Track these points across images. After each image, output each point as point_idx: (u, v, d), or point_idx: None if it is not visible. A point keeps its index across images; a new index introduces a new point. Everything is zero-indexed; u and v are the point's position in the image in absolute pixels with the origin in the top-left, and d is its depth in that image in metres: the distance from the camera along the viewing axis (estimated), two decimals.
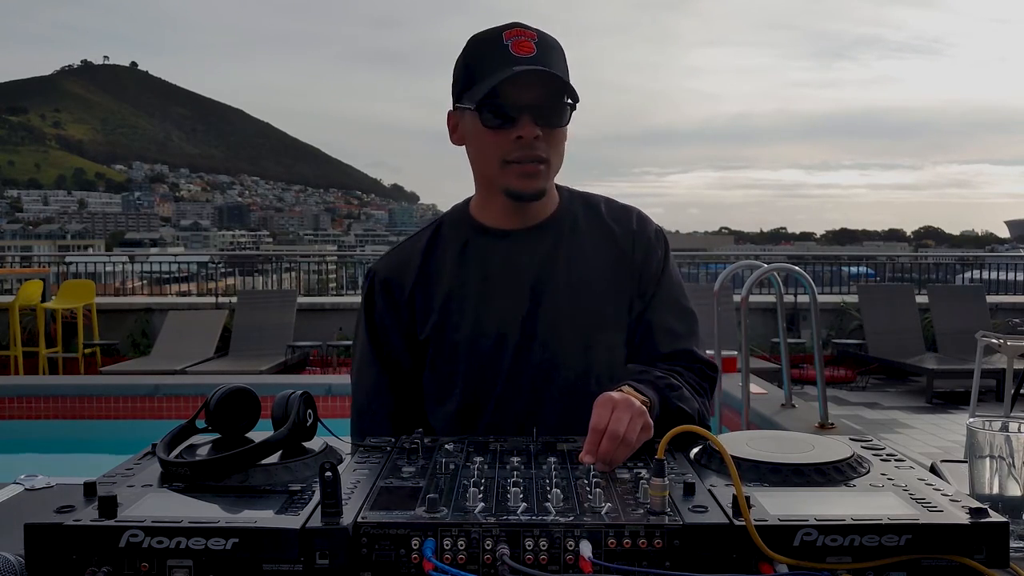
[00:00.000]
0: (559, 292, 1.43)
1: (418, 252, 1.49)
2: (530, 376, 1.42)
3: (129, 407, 5.50)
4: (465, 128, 1.42)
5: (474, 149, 1.42)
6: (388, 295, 1.48)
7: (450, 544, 0.88)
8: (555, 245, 1.45)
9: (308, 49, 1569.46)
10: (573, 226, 1.48)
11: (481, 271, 1.44)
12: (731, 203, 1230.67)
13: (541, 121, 1.33)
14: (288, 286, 12.09)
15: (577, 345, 1.42)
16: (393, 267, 1.50)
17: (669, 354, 1.45)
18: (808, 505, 0.94)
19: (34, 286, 8.66)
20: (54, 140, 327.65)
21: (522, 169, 1.35)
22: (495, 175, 1.39)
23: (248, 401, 1.21)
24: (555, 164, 1.39)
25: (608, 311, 1.45)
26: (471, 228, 1.48)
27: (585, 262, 1.45)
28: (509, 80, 1.31)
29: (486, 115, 1.34)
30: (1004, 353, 5.75)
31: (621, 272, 1.46)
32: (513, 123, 1.33)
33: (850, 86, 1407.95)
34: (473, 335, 1.42)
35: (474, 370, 1.42)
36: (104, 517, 0.89)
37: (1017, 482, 1.04)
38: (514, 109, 1.33)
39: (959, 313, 8.60)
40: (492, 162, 1.37)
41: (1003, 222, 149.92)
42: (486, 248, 1.45)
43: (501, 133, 1.34)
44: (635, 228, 1.50)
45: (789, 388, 4.52)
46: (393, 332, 1.47)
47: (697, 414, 1.38)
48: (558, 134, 1.38)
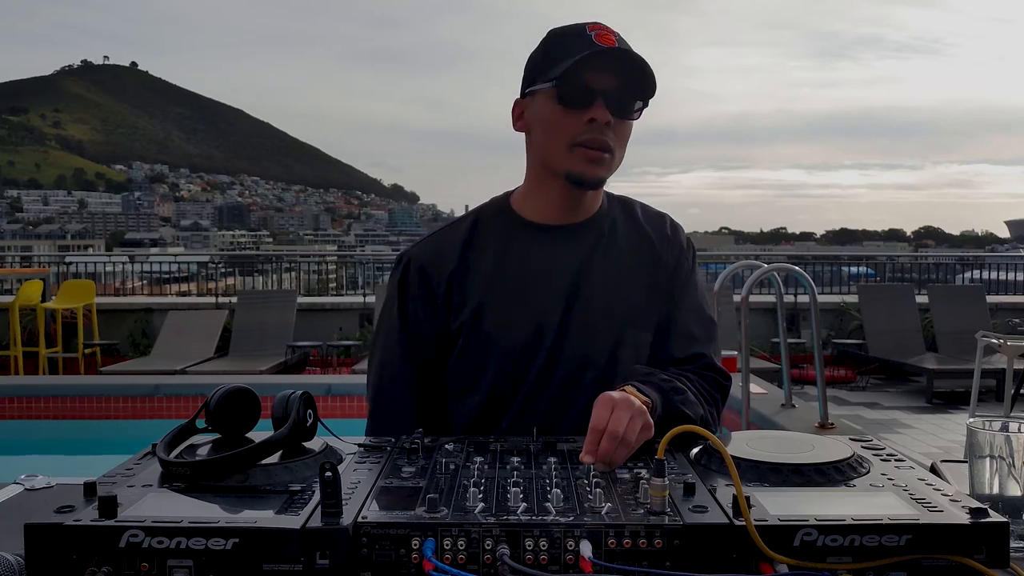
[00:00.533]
0: (595, 290, 1.44)
1: (457, 242, 1.48)
2: (560, 373, 1.42)
3: (129, 407, 5.50)
4: (534, 111, 1.41)
5: (542, 130, 1.40)
6: (423, 284, 1.47)
7: (450, 544, 0.88)
8: (594, 244, 1.47)
9: (308, 49, 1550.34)
10: (612, 227, 1.49)
11: (521, 264, 1.45)
12: (731, 203, 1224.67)
13: (614, 108, 1.35)
14: (288, 286, 12.09)
15: (608, 344, 1.43)
16: (429, 255, 1.48)
17: (684, 358, 1.46)
18: (808, 505, 0.94)
19: (34, 286, 8.66)
20: (54, 140, 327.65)
21: (588, 154, 1.36)
22: (560, 157, 1.38)
23: (248, 401, 1.21)
24: (618, 157, 1.40)
25: (640, 312, 1.46)
26: (513, 222, 1.48)
27: (621, 263, 1.47)
28: (590, 63, 1.32)
29: (564, 91, 1.34)
30: (1004, 353, 5.75)
31: (654, 275, 1.49)
32: (588, 105, 1.34)
33: (850, 86, 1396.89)
34: (509, 329, 1.42)
35: (505, 364, 1.42)
36: (104, 517, 0.89)
37: (1017, 482, 1.04)
38: (591, 91, 1.33)
39: (959, 313, 8.60)
40: (560, 143, 1.37)
41: (1003, 222, 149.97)
42: (527, 242, 1.46)
43: (574, 114, 1.34)
44: (669, 234, 1.53)
45: (789, 388, 4.52)
46: (426, 320, 1.46)
47: (701, 420, 1.36)
48: (627, 127, 1.39)
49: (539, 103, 1.40)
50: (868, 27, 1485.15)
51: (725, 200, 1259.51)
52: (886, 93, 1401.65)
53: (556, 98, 1.35)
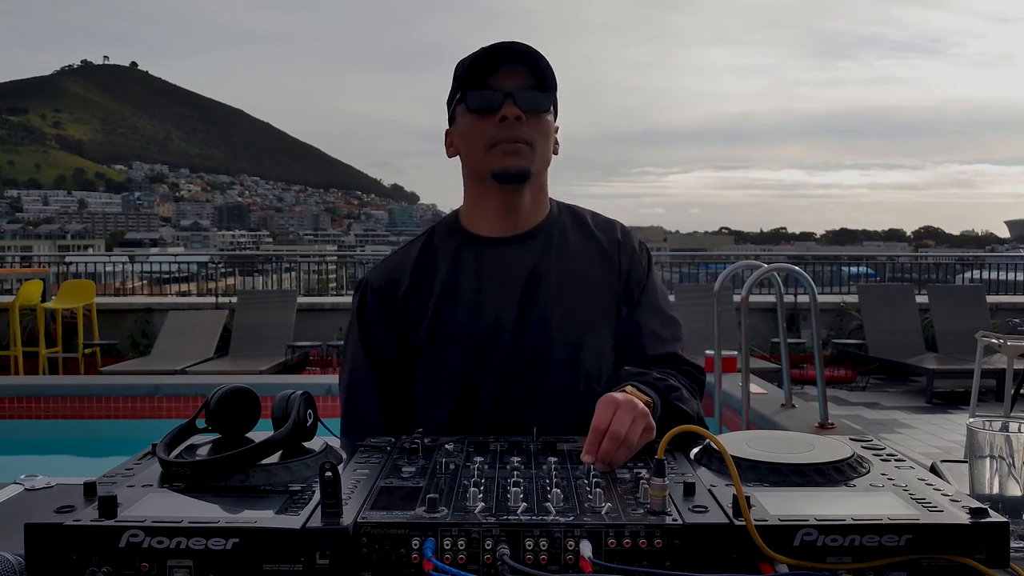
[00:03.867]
0: (549, 296, 1.46)
1: (411, 260, 1.52)
2: (521, 378, 1.43)
3: (129, 407, 5.50)
4: (457, 130, 1.48)
5: (464, 142, 1.47)
6: (382, 303, 1.50)
7: (450, 544, 0.88)
8: (545, 251, 1.49)
9: (308, 49, 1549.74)
10: (562, 234, 1.52)
11: (474, 276, 1.47)
12: (731, 203, 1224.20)
13: (523, 104, 1.40)
14: (288, 286, 12.09)
15: (567, 347, 1.44)
16: (385, 276, 1.53)
17: (656, 357, 1.48)
18: (808, 505, 0.94)
19: (34, 286, 8.66)
20: (54, 140, 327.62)
21: (505, 148, 1.41)
22: (482, 161, 1.43)
23: (248, 401, 1.21)
24: (540, 149, 1.44)
25: (596, 315, 1.48)
26: (462, 237, 1.51)
27: (574, 268, 1.49)
28: (492, 70, 1.40)
29: (472, 100, 1.42)
30: (1004, 353, 5.75)
31: (608, 278, 1.51)
32: (497, 106, 1.40)
33: (851, 86, 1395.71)
34: (465, 339, 1.44)
35: (466, 373, 1.44)
36: (104, 517, 0.89)
37: (1017, 482, 1.04)
38: (497, 96, 1.40)
39: (959, 313, 8.59)
40: (479, 147, 1.43)
41: (1003, 222, 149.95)
42: (478, 255, 1.48)
43: (486, 118, 1.41)
44: (620, 239, 1.56)
45: (789, 388, 4.51)
46: (387, 339, 1.50)
47: (697, 415, 1.40)
48: (541, 121, 1.43)
49: (459, 121, 1.47)
50: (869, 26, 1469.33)
51: (725, 200, 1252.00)
52: (886, 93, 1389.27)
53: (468, 109, 1.44)
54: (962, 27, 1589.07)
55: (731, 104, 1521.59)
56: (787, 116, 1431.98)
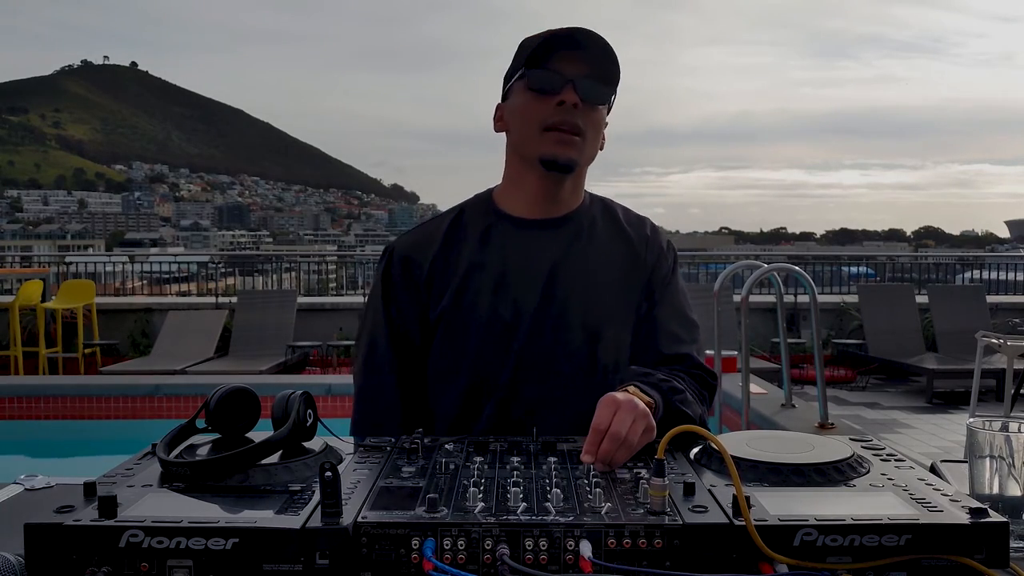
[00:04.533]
0: (573, 284, 1.46)
1: (440, 233, 1.51)
2: (538, 364, 1.43)
3: (129, 407, 5.50)
4: (510, 107, 1.47)
5: (517, 119, 1.45)
6: (406, 272, 1.50)
7: (450, 544, 0.88)
8: (573, 239, 1.49)
9: (308, 49, 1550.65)
10: (592, 224, 1.52)
11: (500, 256, 1.47)
12: (731, 203, 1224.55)
13: (583, 93, 1.39)
14: (288, 286, 12.09)
15: (584, 337, 1.44)
16: (413, 245, 1.52)
17: (670, 356, 1.47)
18: (808, 505, 0.94)
19: (34, 286, 8.66)
20: (54, 140, 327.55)
21: (559, 136, 1.40)
22: (533, 142, 1.42)
23: (248, 401, 1.21)
24: (590, 142, 1.44)
25: (617, 308, 1.48)
26: (494, 215, 1.51)
27: (599, 259, 1.49)
28: (559, 52, 1.38)
29: (534, 78, 1.40)
30: (1004, 353, 5.75)
31: (633, 273, 1.51)
32: (558, 89, 1.39)
33: (851, 85, 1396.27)
34: (487, 317, 1.44)
35: (483, 353, 1.44)
36: (104, 517, 0.89)
37: (1017, 482, 1.04)
38: (559, 76, 1.39)
39: (959, 313, 8.60)
40: (532, 128, 1.41)
41: (1003, 222, 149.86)
42: (507, 235, 1.48)
43: (545, 99, 1.40)
44: (649, 235, 1.56)
45: (789, 388, 4.52)
46: (408, 309, 1.49)
47: (699, 419, 1.40)
48: (597, 113, 1.43)
49: (514, 98, 1.46)
50: (869, 26, 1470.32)
51: (725, 200, 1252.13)
52: (886, 93, 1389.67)
53: (527, 87, 1.42)
54: (963, 27, 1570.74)
55: (731, 104, 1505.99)
56: (787, 116, 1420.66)
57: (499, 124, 1.51)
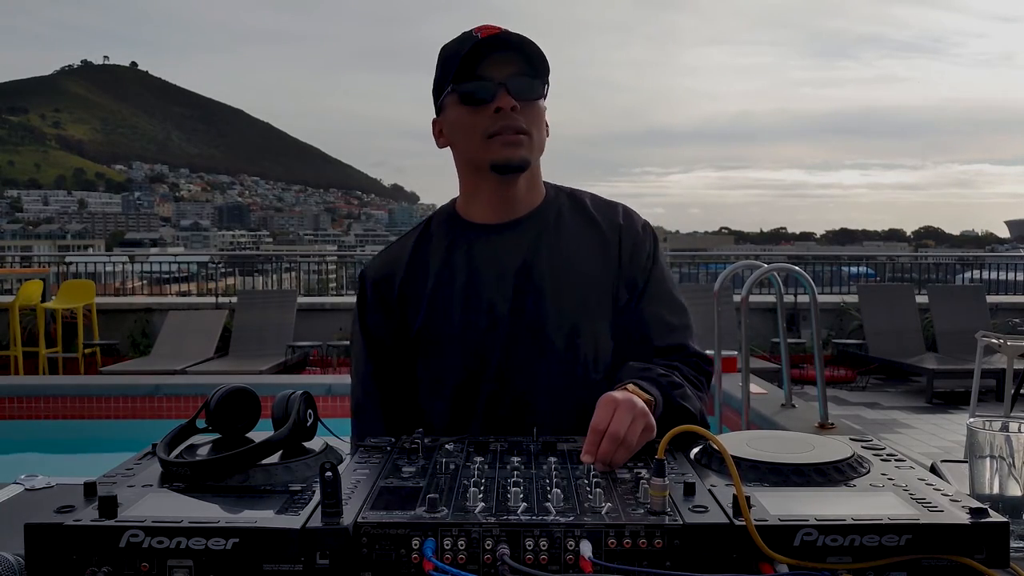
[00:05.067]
0: (543, 281, 1.44)
1: (406, 251, 1.52)
2: (520, 365, 1.43)
3: (129, 407, 5.50)
4: (448, 122, 1.46)
5: (458, 134, 1.44)
6: (378, 295, 1.51)
7: (450, 544, 0.88)
8: (539, 236, 1.47)
9: (308, 49, 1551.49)
10: (557, 217, 1.50)
11: (468, 264, 1.46)
12: (731, 203, 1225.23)
13: (517, 94, 1.38)
14: (288, 286, 12.08)
15: (563, 334, 1.43)
16: (382, 267, 1.53)
17: (664, 348, 1.46)
18: (808, 505, 0.94)
19: (34, 286, 8.66)
20: (54, 140, 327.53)
21: (504, 139, 1.39)
22: (479, 153, 1.41)
23: (248, 401, 1.21)
24: (536, 139, 1.42)
25: (592, 299, 1.46)
26: (458, 225, 1.51)
27: (569, 251, 1.47)
28: (482, 59, 1.37)
29: (465, 92, 1.39)
30: (1004, 353, 5.75)
31: (606, 262, 1.48)
32: (491, 97, 1.37)
33: (851, 85, 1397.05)
34: (462, 328, 1.44)
35: (465, 362, 1.44)
36: (104, 517, 0.89)
37: (1017, 482, 1.04)
38: (490, 86, 1.38)
39: (959, 313, 8.59)
40: (475, 139, 1.40)
41: (1003, 222, 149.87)
42: (472, 242, 1.48)
43: (480, 109, 1.38)
44: (621, 222, 1.52)
45: (789, 388, 4.52)
46: (385, 331, 1.50)
47: (700, 413, 1.39)
48: (535, 108, 1.42)
49: (450, 113, 1.44)
50: (869, 26, 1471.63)
51: (725, 200, 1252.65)
52: (886, 93, 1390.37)
53: (459, 101, 1.40)
54: (963, 27, 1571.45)
55: (731, 104, 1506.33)
56: (787, 116, 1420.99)
57: (441, 140, 1.49)
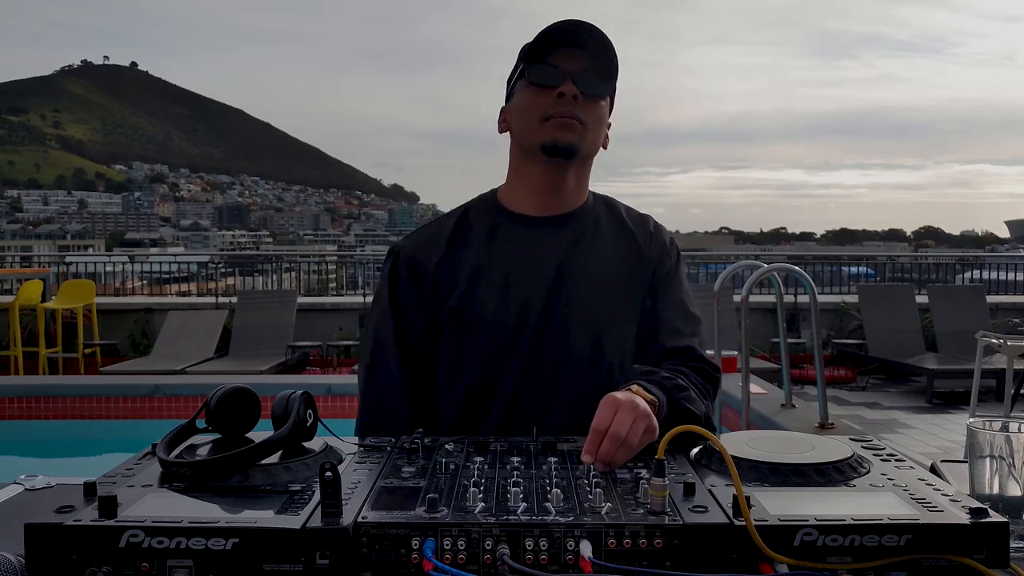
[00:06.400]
0: (578, 282, 1.46)
1: (445, 234, 1.52)
2: (544, 365, 1.44)
3: (129, 407, 5.50)
4: (513, 104, 1.49)
5: (518, 114, 1.47)
6: (413, 273, 1.50)
7: (450, 544, 0.88)
8: (579, 237, 1.50)
9: (308, 49, 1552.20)
10: (596, 222, 1.53)
11: (507, 254, 1.48)
12: (731, 203, 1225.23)
13: (582, 86, 1.41)
14: (288, 286, 12.09)
15: (590, 337, 1.45)
16: (418, 246, 1.53)
17: (672, 350, 1.48)
18: (808, 505, 0.94)
19: (34, 286, 8.66)
20: (54, 140, 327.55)
21: (559, 121, 1.41)
22: (534, 132, 1.43)
23: (248, 401, 1.21)
24: (592, 134, 1.45)
25: (621, 306, 1.49)
26: (500, 213, 1.52)
27: (604, 256, 1.50)
28: (557, 49, 1.41)
29: (533, 73, 1.43)
30: (1004, 353, 5.75)
31: (637, 269, 1.52)
32: (557, 82, 1.41)
33: (851, 85, 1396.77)
34: (493, 319, 1.44)
35: (492, 351, 1.44)
36: (104, 517, 0.89)
37: (1017, 482, 1.04)
38: (558, 70, 1.41)
39: (959, 313, 8.59)
40: (533, 120, 1.43)
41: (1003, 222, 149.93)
42: (513, 233, 1.49)
43: (545, 92, 1.42)
44: (652, 232, 1.57)
45: (789, 388, 4.52)
46: (415, 308, 1.49)
47: (704, 417, 1.40)
48: (597, 106, 1.45)
49: (516, 96, 1.48)
50: (869, 26, 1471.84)
51: (725, 200, 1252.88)
52: (887, 93, 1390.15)
53: (528, 83, 1.44)
54: (963, 26, 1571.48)
55: (731, 104, 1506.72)
56: (787, 116, 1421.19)
57: (503, 125, 1.53)
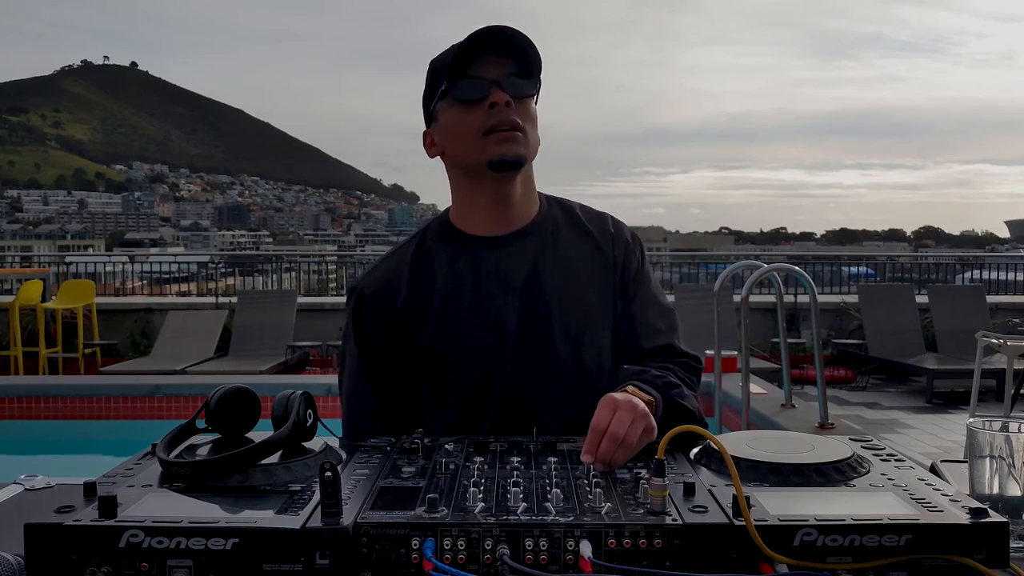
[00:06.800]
0: (548, 294, 1.45)
1: (405, 266, 1.49)
2: (527, 377, 1.43)
3: (129, 407, 5.50)
4: (440, 126, 1.45)
5: (451, 136, 1.43)
6: (377, 313, 1.47)
7: (450, 544, 0.88)
8: (541, 248, 1.47)
9: (308, 49, 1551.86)
10: (555, 230, 1.50)
11: (473, 278, 1.45)
12: (731, 203, 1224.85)
13: (511, 91, 1.38)
14: (288, 286, 12.09)
15: (569, 346, 1.44)
16: (380, 284, 1.49)
17: (652, 350, 1.47)
18: (808, 505, 0.94)
19: (34, 286, 8.66)
20: (54, 140, 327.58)
21: (501, 136, 1.38)
22: (476, 150, 1.40)
23: (248, 401, 1.21)
24: (531, 137, 1.42)
25: (593, 310, 1.47)
26: (457, 238, 1.48)
27: (569, 264, 1.48)
28: (474, 60, 1.37)
29: (458, 90, 1.39)
30: (1004, 353, 5.75)
31: (603, 272, 1.50)
32: (485, 94, 1.38)
33: (851, 85, 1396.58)
34: (471, 341, 1.43)
35: (473, 376, 1.43)
36: (104, 517, 0.89)
37: (1017, 482, 1.04)
38: (483, 84, 1.38)
39: (959, 313, 8.59)
40: (470, 138, 1.39)
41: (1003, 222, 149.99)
42: (475, 257, 1.46)
43: (475, 107, 1.38)
44: (612, 231, 1.54)
45: (789, 388, 4.52)
46: (384, 349, 1.47)
47: (698, 412, 1.40)
48: (529, 107, 1.42)
49: (442, 118, 1.44)
50: (869, 26, 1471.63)
51: (725, 200, 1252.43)
52: (887, 93, 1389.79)
53: (454, 100, 1.40)
54: (964, 26, 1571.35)
55: (731, 104, 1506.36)
56: (787, 116, 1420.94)
57: (432, 149, 1.48)
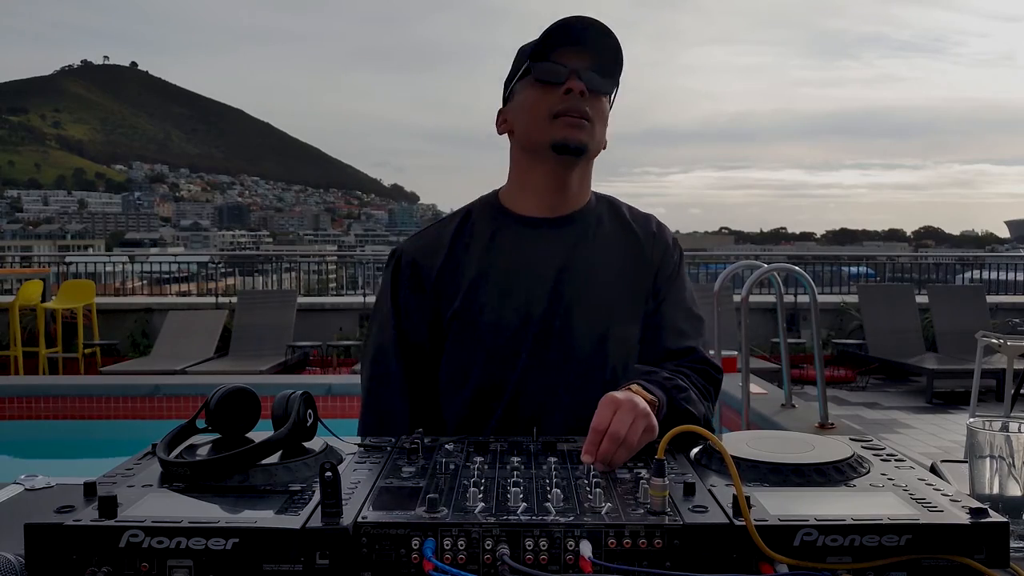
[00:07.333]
0: (580, 283, 1.46)
1: (447, 236, 1.52)
2: (547, 367, 1.44)
3: (129, 407, 5.50)
4: (515, 105, 1.48)
5: (523, 113, 1.46)
6: (415, 277, 1.50)
7: (450, 544, 0.88)
8: (581, 238, 1.50)
9: (308, 49, 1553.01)
10: (599, 222, 1.53)
11: (508, 258, 1.47)
12: (731, 203, 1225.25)
13: (588, 83, 1.41)
14: (288, 286, 12.09)
15: (593, 336, 1.45)
16: (421, 249, 1.52)
17: (675, 351, 1.48)
18: (808, 505, 0.94)
19: (34, 286, 8.66)
20: (54, 140, 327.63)
21: (569, 120, 1.41)
22: (543, 130, 1.43)
23: (248, 401, 1.21)
24: (598, 132, 1.45)
25: (624, 305, 1.49)
26: (501, 215, 1.52)
27: (607, 257, 1.50)
28: (561, 46, 1.41)
29: (539, 70, 1.43)
30: (1004, 353, 5.75)
31: (639, 270, 1.52)
32: (563, 79, 1.41)
33: (852, 85, 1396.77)
34: (496, 320, 1.44)
35: (494, 355, 1.44)
36: (104, 517, 0.89)
37: (1017, 482, 1.04)
38: (563, 67, 1.41)
39: (959, 313, 8.60)
40: (540, 118, 1.43)
41: (1003, 222, 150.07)
42: (515, 236, 1.49)
43: (551, 89, 1.42)
44: (655, 232, 1.57)
45: (789, 388, 4.52)
46: (417, 311, 1.49)
47: (703, 418, 1.39)
48: (602, 104, 1.45)
49: (519, 95, 1.47)
50: (870, 26, 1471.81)
51: (725, 200, 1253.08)
52: (887, 93, 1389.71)
53: (533, 80, 1.44)
54: (963, 26, 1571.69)
55: (731, 104, 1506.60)
56: (787, 116, 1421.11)
57: (503, 126, 1.52)
